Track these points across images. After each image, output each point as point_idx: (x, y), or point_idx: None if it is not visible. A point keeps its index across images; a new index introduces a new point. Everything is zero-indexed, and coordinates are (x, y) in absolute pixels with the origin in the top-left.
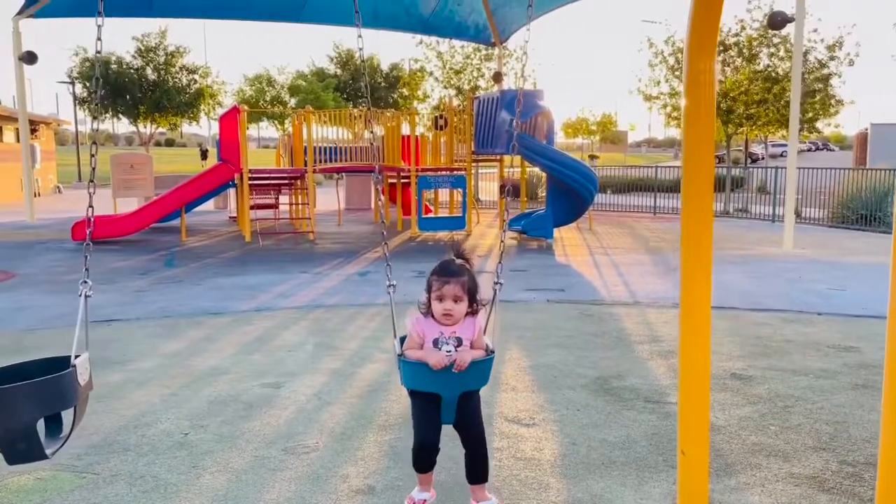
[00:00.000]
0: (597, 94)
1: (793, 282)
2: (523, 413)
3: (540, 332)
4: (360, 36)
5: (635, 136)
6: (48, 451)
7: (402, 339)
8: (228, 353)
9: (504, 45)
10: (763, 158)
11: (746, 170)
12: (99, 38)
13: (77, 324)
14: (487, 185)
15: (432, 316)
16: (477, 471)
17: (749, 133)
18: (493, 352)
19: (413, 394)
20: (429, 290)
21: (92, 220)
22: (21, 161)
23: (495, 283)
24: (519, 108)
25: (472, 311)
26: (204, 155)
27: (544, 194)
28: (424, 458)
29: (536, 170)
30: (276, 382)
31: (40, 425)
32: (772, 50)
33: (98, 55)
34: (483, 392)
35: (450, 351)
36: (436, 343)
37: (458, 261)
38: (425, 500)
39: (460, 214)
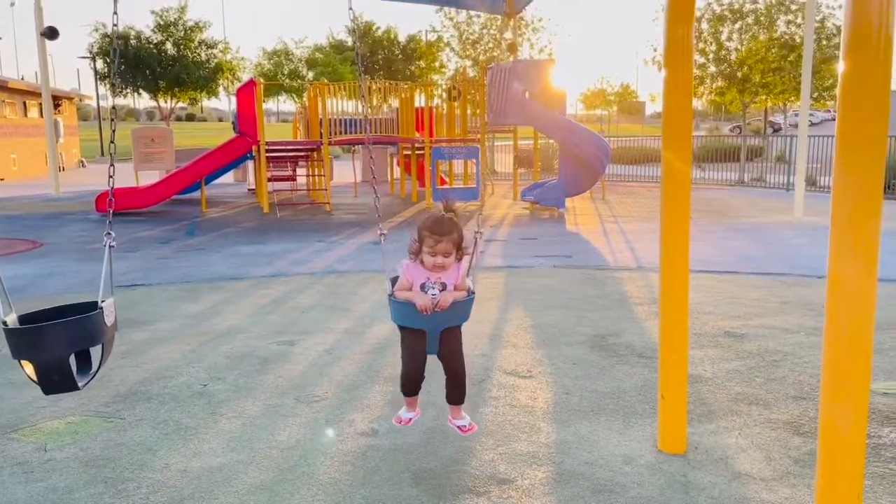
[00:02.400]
0: (617, 64)
1: (798, 248)
2: (522, 367)
3: (544, 295)
4: (350, 7)
5: (657, 106)
6: (80, 383)
7: (393, 281)
8: (246, 314)
9: (519, 15)
10: (780, 129)
11: (765, 139)
12: (115, 13)
13: (102, 271)
14: (503, 157)
15: (421, 261)
16: (455, 394)
17: (764, 102)
18: (473, 293)
19: (401, 328)
20: (420, 242)
21: (113, 177)
22: (45, 136)
23: (476, 233)
24: (530, 78)
25: (457, 258)
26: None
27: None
28: (411, 383)
29: (551, 141)
30: (291, 340)
31: (71, 362)
32: (789, 17)
33: (115, 27)
34: (485, 348)
35: (435, 294)
36: (423, 287)
37: (447, 214)
38: (411, 419)
39: (474, 185)
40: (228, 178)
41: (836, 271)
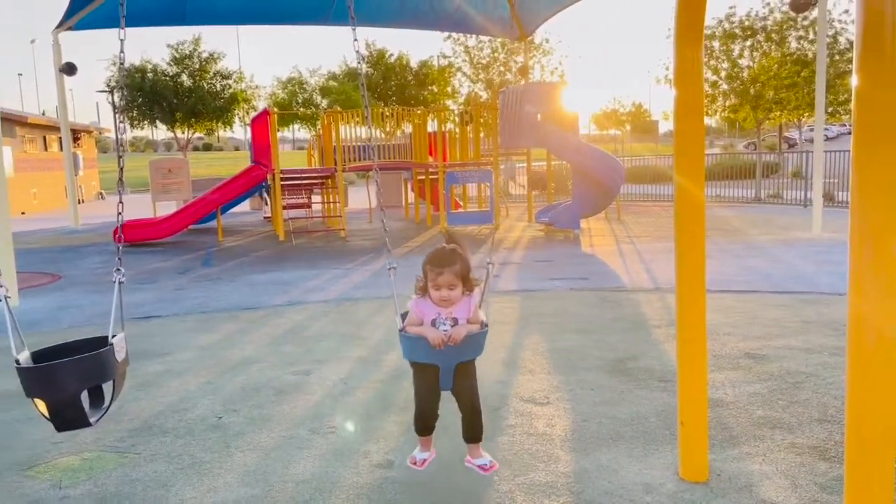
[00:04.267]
0: (629, 83)
1: (818, 265)
2: (538, 393)
3: (560, 318)
4: (353, 29)
5: (671, 124)
6: (91, 420)
7: (404, 316)
8: (261, 344)
9: (530, 38)
10: (796, 144)
11: (781, 155)
12: (122, 52)
13: (112, 306)
14: (517, 180)
15: (429, 297)
16: (472, 432)
17: (779, 118)
18: (486, 325)
19: (413, 364)
20: (424, 277)
21: (122, 213)
22: (66, 169)
23: (487, 263)
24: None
25: (468, 290)
26: None
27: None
28: (424, 422)
29: (564, 162)
30: (306, 370)
31: (84, 398)
32: (800, 33)
33: (122, 66)
34: (500, 375)
35: (446, 329)
36: (433, 323)
37: (450, 246)
38: (426, 459)
39: (488, 209)
40: (245, 206)
41: (857, 289)
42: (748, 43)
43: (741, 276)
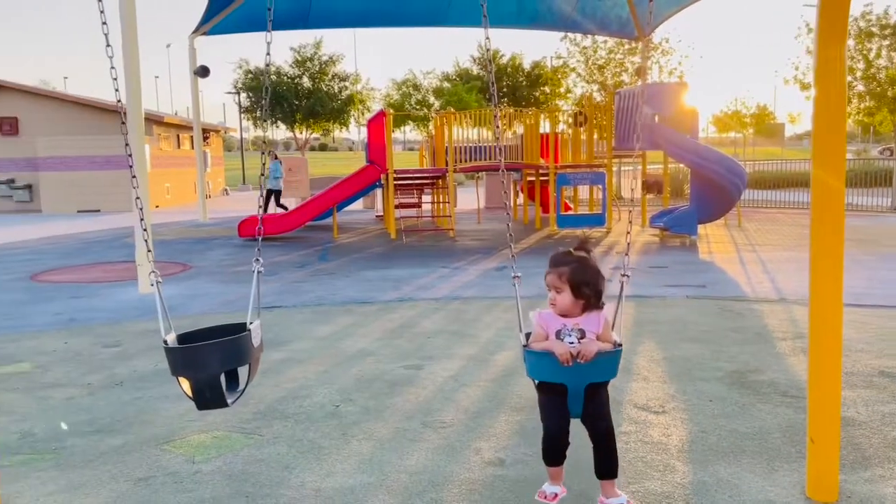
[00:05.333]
0: (752, 84)
1: None
2: (653, 401)
3: (676, 327)
4: (486, 30)
5: (797, 128)
6: (228, 401)
7: (528, 335)
8: (374, 338)
9: (648, 38)
10: None
11: None
12: (268, 54)
13: (251, 296)
14: (630, 183)
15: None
16: (605, 466)
17: None
18: (620, 345)
19: (539, 386)
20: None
21: (262, 209)
22: (195, 166)
23: (622, 276)
24: (661, 102)
25: (597, 305)
26: None
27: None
28: (553, 450)
29: (681, 165)
30: (417, 364)
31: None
32: None
33: (267, 66)
34: (613, 380)
35: (572, 342)
36: (558, 335)
37: (578, 252)
38: (557, 494)
39: (600, 212)
40: (358, 205)
41: None
42: (886, 42)
43: (876, 289)
